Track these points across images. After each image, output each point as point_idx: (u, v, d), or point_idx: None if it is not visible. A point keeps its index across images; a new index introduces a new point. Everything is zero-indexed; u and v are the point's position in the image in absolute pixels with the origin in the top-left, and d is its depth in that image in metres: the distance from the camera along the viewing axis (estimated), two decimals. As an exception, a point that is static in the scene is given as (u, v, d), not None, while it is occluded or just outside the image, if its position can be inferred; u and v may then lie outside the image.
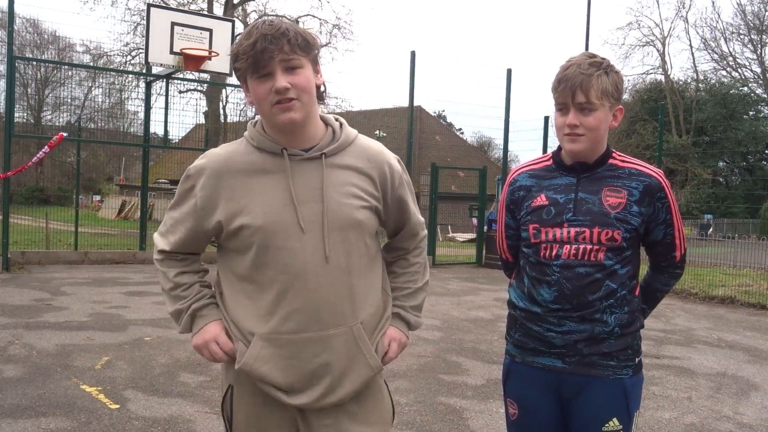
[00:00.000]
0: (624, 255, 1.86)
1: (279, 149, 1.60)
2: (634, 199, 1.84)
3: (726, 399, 4.83)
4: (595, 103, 1.79)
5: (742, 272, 12.54)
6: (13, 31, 10.85)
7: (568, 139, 1.83)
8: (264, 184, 1.59)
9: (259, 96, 1.56)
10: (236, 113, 22.92)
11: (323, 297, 1.59)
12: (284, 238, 1.57)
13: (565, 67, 1.83)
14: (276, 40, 1.52)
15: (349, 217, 1.61)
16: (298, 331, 1.59)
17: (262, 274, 1.59)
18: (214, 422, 3.91)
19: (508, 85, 14.41)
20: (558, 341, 1.87)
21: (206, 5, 24.62)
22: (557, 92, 1.84)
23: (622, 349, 1.87)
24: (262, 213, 1.57)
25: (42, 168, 33.81)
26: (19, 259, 10.94)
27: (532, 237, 1.92)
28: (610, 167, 1.89)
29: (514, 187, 2.01)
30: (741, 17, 35.73)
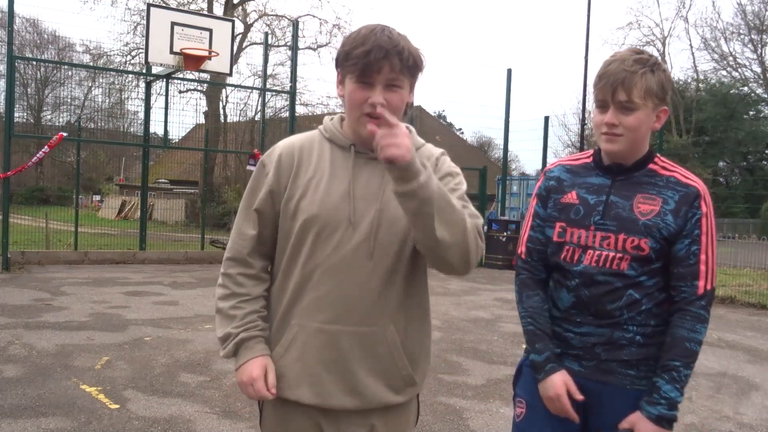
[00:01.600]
0: (652, 267, 1.73)
1: (348, 144, 1.65)
2: (669, 208, 1.73)
3: (726, 399, 4.83)
4: (637, 103, 1.69)
5: (742, 272, 12.54)
6: (13, 30, 10.86)
7: (606, 138, 1.74)
8: (327, 174, 1.63)
9: (353, 100, 1.59)
10: (236, 113, 22.90)
11: (360, 293, 1.60)
12: (333, 229, 1.59)
13: (608, 62, 1.73)
14: (389, 57, 1.54)
15: (401, 220, 1.60)
16: (330, 322, 1.60)
17: (308, 261, 1.61)
18: (214, 422, 3.91)
19: (508, 85, 14.42)
20: (575, 342, 1.78)
21: (206, 5, 24.59)
22: (597, 88, 1.74)
23: (643, 359, 1.74)
24: (319, 201, 1.60)
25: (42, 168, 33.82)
26: (19, 259, 10.94)
27: (556, 235, 1.82)
28: (649, 173, 1.78)
29: (549, 176, 1.91)
30: (741, 17, 35.72)
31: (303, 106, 23.99)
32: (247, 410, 4.14)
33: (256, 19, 26.29)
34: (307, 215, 1.60)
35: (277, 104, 19.42)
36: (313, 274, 1.61)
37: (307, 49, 25.43)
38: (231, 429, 3.84)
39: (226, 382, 4.70)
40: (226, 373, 4.91)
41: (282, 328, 1.66)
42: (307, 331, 1.62)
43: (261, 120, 15.15)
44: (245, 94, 24.87)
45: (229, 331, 1.65)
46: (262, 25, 25.84)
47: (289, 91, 13.52)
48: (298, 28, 13.41)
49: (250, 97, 22.96)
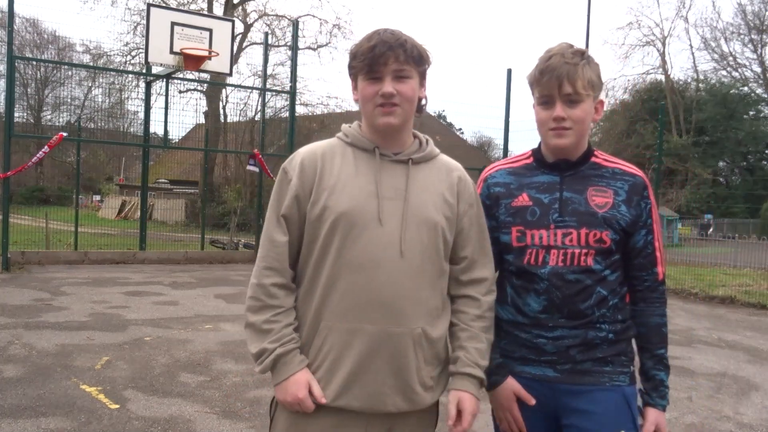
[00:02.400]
0: (612, 259, 1.74)
1: (372, 147, 1.68)
2: (621, 198, 1.74)
3: (726, 399, 4.83)
4: (582, 94, 1.69)
5: (742, 272, 12.54)
6: (13, 30, 10.86)
7: (554, 134, 1.72)
8: (352, 176, 1.65)
9: (366, 96, 1.64)
10: (236, 113, 22.91)
11: (394, 291, 1.59)
12: (362, 228, 1.60)
13: (547, 58, 1.71)
14: (393, 49, 1.60)
15: (428, 218, 1.64)
16: (356, 321, 1.59)
17: (337, 261, 1.61)
18: (214, 422, 3.91)
19: (508, 85, 14.42)
20: (549, 347, 1.73)
21: (206, 5, 24.59)
22: (540, 84, 1.71)
23: (616, 355, 1.74)
24: (347, 200, 1.61)
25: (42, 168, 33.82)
26: (19, 259, 10.94)
27: (515, 240, 1.78)
28: (594, 166, 1.79)
29: (491, 183, 1.86)
30: (741, 17, 35.73)
31: (303, 106, 24.03)
32: (247, 410, 4.14)
33: (256, 19, 26.31)
34: (335, 214, 1.60)
35: (277, 104, 19.42)
36: (341, 273, 1.60)
37: (307, 49, 25.47)
38: (231, 429, 3.84)
39: (226, 382, 4.70)
40: (226, 373, 4.91)
41: (312, 332, 1.64)
42: (338, 332, 1.60)
43: (261, 120, 15.16)
44: (245, 94, 24.86)
45: (264, 347, 1.61)
46: (262, 25, 25.88)
47: (289, 91, 13.53)
48: (298, 28, 13.42)
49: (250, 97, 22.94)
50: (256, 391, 4.54)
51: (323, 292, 1.62)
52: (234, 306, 7.78)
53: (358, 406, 1.60)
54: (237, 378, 4.83)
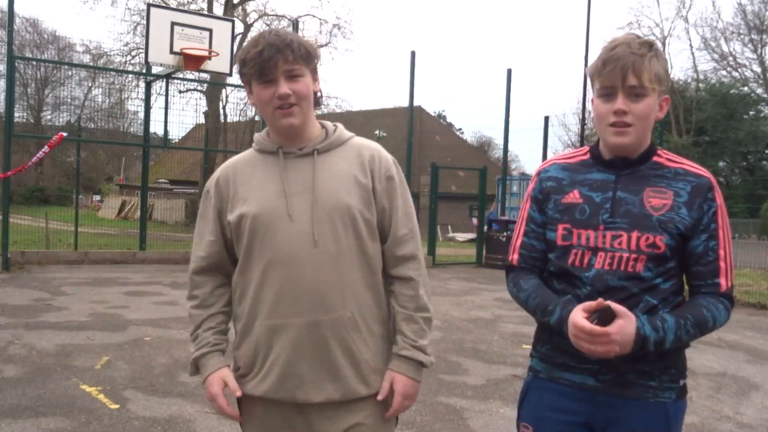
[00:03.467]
0: (667, 267, 1.60)
1: (275, 148, 1.74)
2: (682, 200, 1.59)
3: (726, 399, 4.83)
4: (647, 88, 1.56)
5: (742, 272, 12.53)
6: (13, 30, 10.86)
7: (614, 131, 1.59)
8: (261, 180, 1.72)
9: (263, 100, 1.68)
10: (236, 113, 22.94)
11: (312, 282, 1.65)
12: (275, 227, 1.66)
13: (612, 47, 1.58)
14: (281, 51, 1.63)
15: (339, 203, 1.68)
16: (289, 316, 1.66)
17: (259, 263, 1.68)
18: (213, 422, 3.91)
19: (508, 85, 14.43)
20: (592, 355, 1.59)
21: (206, 5, 24.59)
22: (602, 75, 1.58)
23: (664, 368, 1.61)
24: (257, 203, 1.69)
25: (42, 168, 33.84)
26: (19, 259, 10.94)
27: (560, 239, 1.66)
28: (655, 165, 1.65)
29: (544, 177, 1.76)
30: (741, 17, 35.73)
31: (303, 106, 23.94)
32: (247, 410, 4.14)
33: (256, 19, 26.30)
34: (250, 219, 1.68)
35: (277, 104, 19.38)
36: (267, 273, 1.67)
37: (307, 49, 25.40)
38: (231, 429, 3.84)
39: (226, 382, 4.69)
40: (226, 373, 4.90)
41: (248, 331, 1.73)
42: (270, 329, 1.68)
43: (261, 120, 15.15)
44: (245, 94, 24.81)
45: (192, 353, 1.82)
46: (262, 25, 25.84)
47: (289, 91, 13.50)
48: (298, 28, 13.42)
49: (250, 97, 22.89)
50: (256, 391, 4.54)
51: (254, 294, 1.70)
52: (234, 306, 7.77)
53: (290, 397, 1.68)
54: (237, 378, 4.82)
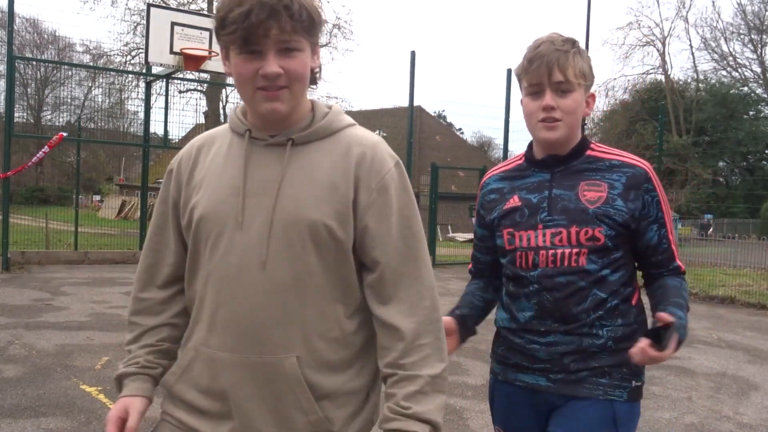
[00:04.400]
0: (612, 257, 1.61)
1: (243, 130, 1.35)
2: (616, 192, 1.61)
3: (726, 399, 4.83)
4: (573, 83, 1.59)
5: (742, 272, 12.54)
6: (13, 30, 10.86)
7: (543, 126, 1.61)
8: (219, 168, 1.35)
9: (243, 76, 1.27)
10: (236, 113, 22.87)
11: (252, 312, 1.28)
12: (219, 233, 1.30)
13: (536, 46, 1.61)
14: (276, 15, 1.21)
15: (303, 217, 1.27)
16: (221, 348, 1.31)
17: (195, 273, 1.37)
18: (214, 422, 3.91)
19: (508, 85, 14.41)
20: (541, 354, 1.63)
21: (206, 5, 24.59)
22: (529, 73, 1.61)
23: (615, 366, 1.60)
24: (207, 199, 1.33)
25: (42, 168, 33.84)
26: (19, 259, 10.94)
27: (507, 243, 1.70)
28: (588, 159, 1.66)
29: (486, 191, 1.81)
30: (741, 17, 35.77)
31: (303, 106, 23.96)
32: (247, 410, 4.14)
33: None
34: (196, 219, 1.33)
35: (277, 104, 19.40)
36: (206, 289, 1.33)
37: (307, 49, 25.41)
38: (231, 429, 3.84)
39: (226, 382, 4.69)
40: (226, 373, 4.91)
41: (183, 351, 1.42)
42: (201, 358, 1.34)
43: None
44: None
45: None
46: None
47: (289, 91, 13.50)
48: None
49: (250, 97, 22.91)
50: (256, 391, 4.54)
51: (196, 309, 1.37)
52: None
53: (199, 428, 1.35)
54: (237, 378, 4.82)
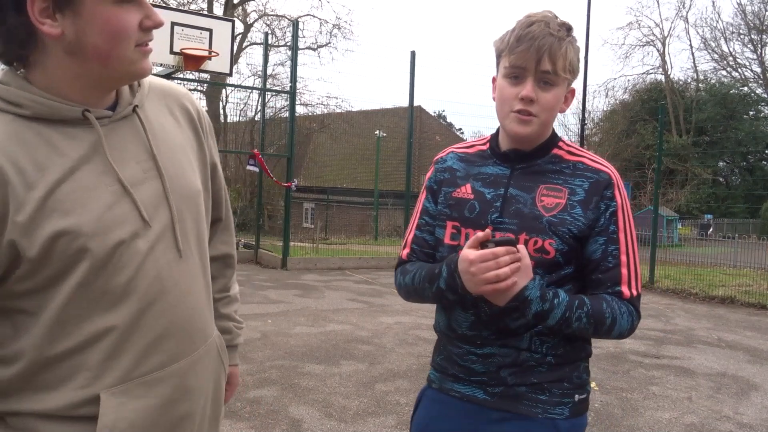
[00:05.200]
0: (561, 274, 1.43)
1: (78, 113, 1.05)
2: (577, 198, 1.43)
3: (726, 399, 4.83)
4: (560, 76, 1.40)
5: (742, 272, 12.54)
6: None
7: (517, 118, 1.42)
8: (66, 169, 1.03)
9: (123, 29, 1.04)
10: (236, 113, 22.90)
11: (188, 306, 1.17)
12: (126, 243, 1.07)
13: (528, 23, 1.40)
14: None
15: (192, 189, 1.19)
16: (168, 363, 1.14)
17: (98, 302, 1.06)
18: (214, 422, 3.91)
19: (508, 85, 14.41)
20: (478, 367, 1.48)
21: (206, 5, 24.60)
22: (515, 53, 1.39)
23: (556, 381, 1.47)
24: (85, 211, 1.03)
25: (42, 168, 33.80)
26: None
27: (449, 237, 1.51)
28: (554, 159, 1.49)
29: (440, 167, 1.60)
30: (741, 17, 35.74)
31: (303, 106, 23.99)
32: (247, 410, 4.14)
33: (256, 19, 26.31)
34: (76, 239, 1.02)
35: (277, 104, 19.42)
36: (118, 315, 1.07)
37: (307, 49, 25.46)
38: (231, 429, 3.83)
39: (226, 382, 4.69)
40: (226, 373, 4.90)
41: (83, 412, 1.07)
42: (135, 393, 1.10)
43: (261, 120, 15.15)
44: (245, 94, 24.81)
45: None
46: (262, 25, 25.87)
47: (289, 91, 13.52)
48: (298, 28, 13.41)
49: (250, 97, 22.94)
50: (256, 391, 4.54)
51: (82, 347, 1.08)
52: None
53: None
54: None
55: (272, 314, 7.38)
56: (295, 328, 6.68)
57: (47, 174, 1.01)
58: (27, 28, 1.00)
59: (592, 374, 5.30)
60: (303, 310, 7.73)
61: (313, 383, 4.77)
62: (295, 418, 4.07)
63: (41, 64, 1.04)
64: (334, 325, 6.88)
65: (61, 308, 1.04)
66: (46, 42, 1.02)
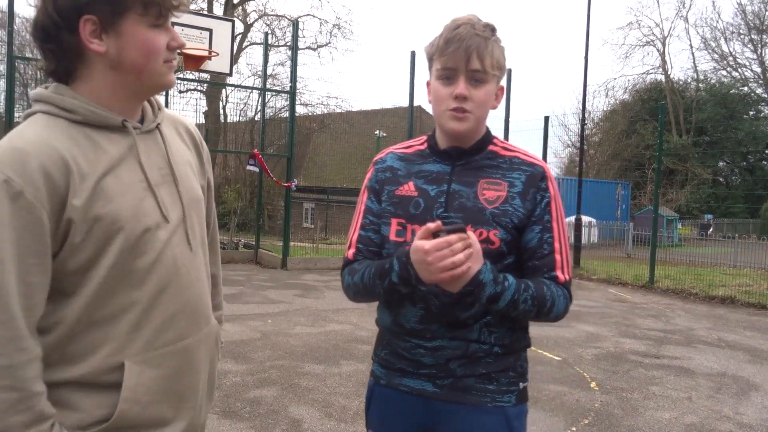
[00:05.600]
0: (504, 263, 1.51)
1: (119, 122, 1.28)
2: (516, 191, 1.53)
3: (726, 399, 4.84)
4: (489, 73, 1.49)
5: (742, 272, 12.55)
6: (13, 30, 10.86)
7: (452, 116, 1.50)
8: (107, 166, 1.25)
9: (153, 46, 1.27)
10: (236, 113, 22.90)
11: (196, 293, 1.37)
12: (152, 232, 1.28)
13: (455, 26, 1.49)
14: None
15: (197, 195, 1.42)
16: (178, 339, 1.33)
17: (127, 279, 1.25)
18: (214, 422, 3.91)
19: (508, 85, 14.42)
20: (427, 360, 1.53)
21: (206, 5, 24.59)
22: (445, 55, 1.48)
23: (502, 371, 1.54)
24: (124, 202, 1.25)
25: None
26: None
27: (394, 234, 1.56)
28: (490, 155, 1.57)
29: (380, 167, 1.66)
30: (741, 17, 35.75)
31: (303, 106, 24.00)
32: (247, 410, 4.15)
33: (256, 19, 26.32)
34: (116, 225, 1.22)
35: (277, 104, 19.43)
36: (145, 293, 1.27)
37: (307, 49, 25.47)
38: (231, 429, 3.84)
39: (226, 382, 4.70)
40: (226, 373, 4.91)
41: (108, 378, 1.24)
42: (153, 362, 1.28)
43: (261, 120, 15.16)
44: (245, 94, 24.85)
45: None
46: (262, 25, 25.89)
47: (289, 91, 13.53)
48: (298, 28, 13.41)
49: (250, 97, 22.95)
50: (256, 391, 4.54)
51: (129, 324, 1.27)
52: (234, 306, 7.78)
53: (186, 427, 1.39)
54: (237, 378, 4.83)
55: (272, 314, 7.38)
56: (295, 328, 6.69)
57: (95, 168, 1.23)
58: (78, 46, 1.23)
59: (592, 374, 5.31)
60: (303, 310, 7.73)
61: (313, 383, 4.77)
62: (295, 418, 4.07)
63: (87, 77, 1.27)
64: (334, 325, 6.88)
65: (98, 285, 1.23)
66: (92, 58, 1.25)
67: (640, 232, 17.02)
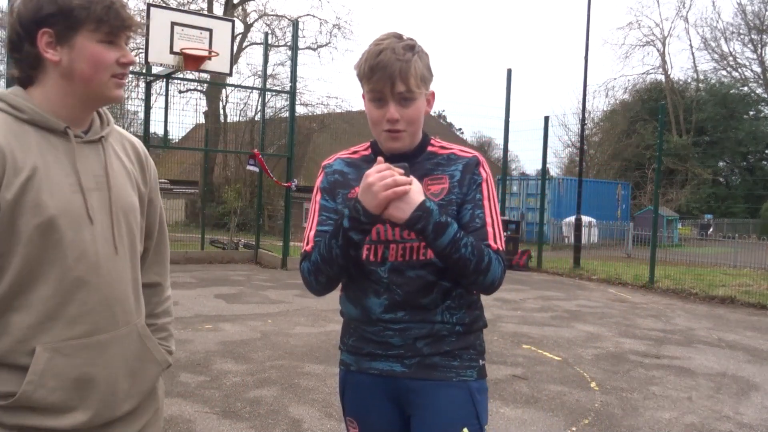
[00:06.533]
0: None
1: (62, 127, 1.41)
2: (456, 180, 1.66)
3: (726, 399, 4.84)
4: (415, 92, 1.59)
5: (742, 272, 12.55)
6: (13, 31, 10.85)
7: (388, 136, 1.63)
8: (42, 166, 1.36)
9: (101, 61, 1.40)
10: (236, 113, 22.91)
11: (116, 292, 1.46)
12: (75, 230, 1.38)
13: (377, 52, 1.57)
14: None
15: (130, 203, 1.52)
16: (92, 333, 1.42)
17: (46, 272, 1.36)
18: (214, 422, 3.92)
19: (508, 85, 14.42)
20: (396, 340, 1.65)
21: (206, 5, 24.60)
22: (372, 82, 1.58)
23: (464, 348, 1.68)
24: (50, 199, 1.35)
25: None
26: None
27: None
28: (429, 155, 1.71)
29: (329, 171, 1.77)
30: (741, 17, 35.75)
31: (303, 106, 24.03)
32: (247, 410, 4.15)
33: (256, 19, 26.34)
34: (41, 219, 1.33)
35: (277, 104, 19.44)
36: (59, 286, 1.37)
37: (307, 49, 25.49)
38: (231, 429, 3.84)
39: (226, 382, 4.70)
40: (226, 373, 4.91)
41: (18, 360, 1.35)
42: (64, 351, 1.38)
43: (261, 120, 15.16)
44: (245, 94, 24.85)
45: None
46: (262, 25, 25.90)
47: (289, 91, 13.53)
48: (298, 28, 13.41)
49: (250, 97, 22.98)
50: (256, 391, 4.55)
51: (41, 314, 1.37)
52: (234, 306, 7.78)
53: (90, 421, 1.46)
54: (237, 378, 4.83)
55: (272, 314, 7.38)
56: (295, 328, 6.69)
57: (30, 164, 1.35)
58: (36, 55, 1.39)
59: (592, 374, 5.31)
60: (303, 310, 7.73)
61: (313, 383, 4.77)
62: (295, 418, 4.07)
63: (43, 84, 1.42)
64: (334, 324, 6.88)
65: (17, 275, 1.34)
66: (48, 67, 1.40)
67: (640, 232, 17.03)
